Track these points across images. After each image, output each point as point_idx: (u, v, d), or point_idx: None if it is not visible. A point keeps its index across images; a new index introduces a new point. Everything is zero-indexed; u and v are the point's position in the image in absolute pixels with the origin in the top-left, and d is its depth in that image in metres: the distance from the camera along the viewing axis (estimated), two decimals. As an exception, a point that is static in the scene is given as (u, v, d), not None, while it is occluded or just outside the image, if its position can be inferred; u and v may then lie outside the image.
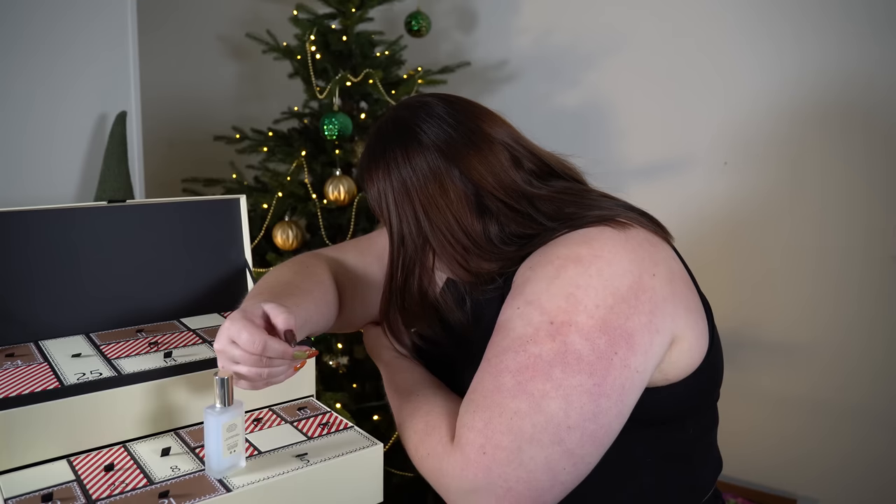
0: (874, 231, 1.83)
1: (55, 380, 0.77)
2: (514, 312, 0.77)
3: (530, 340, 0.74)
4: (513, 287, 0.81)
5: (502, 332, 0.77)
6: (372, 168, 0.91)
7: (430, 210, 0.87)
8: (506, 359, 0.74)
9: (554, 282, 0.76)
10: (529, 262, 0.81)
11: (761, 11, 1.90)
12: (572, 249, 0.78)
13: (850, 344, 1.89)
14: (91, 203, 0.92)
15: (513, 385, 0.73)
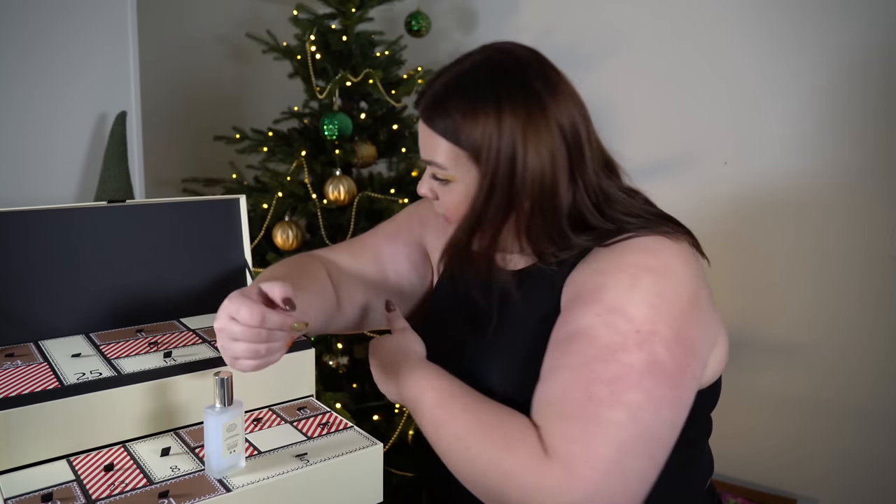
0: (875, 231, 1.83)
1: (55, 380, 0.77)
2: (596, 320, 0.75)
3: (620, 349, 0.73)
4: (578, 292, 0.79)
5: (585, 340, 0.74)
6: (479, 107, 0.83)
7: (533, 166, 0.82)
8: (596, 368, 0.72)
9: (634, 290, 0.76)
10: (595, 267, 0.80)
11: (762, 11, 1.90)
12: (641, 258, 0.78)
13: (852, 345, 1.89)
14: (91, 203, 0.92)
15: (608, 395, 0.71)
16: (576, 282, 0.82)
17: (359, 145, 1.94)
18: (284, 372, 0.89)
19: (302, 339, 0.91)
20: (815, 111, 1.87)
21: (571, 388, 0.72)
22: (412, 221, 1.08)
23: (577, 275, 0.82)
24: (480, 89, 0.84)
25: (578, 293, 0.80)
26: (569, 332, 0.77)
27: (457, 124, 0.83)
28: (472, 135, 0.83)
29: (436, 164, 0.86)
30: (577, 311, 0.78)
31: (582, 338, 0.75)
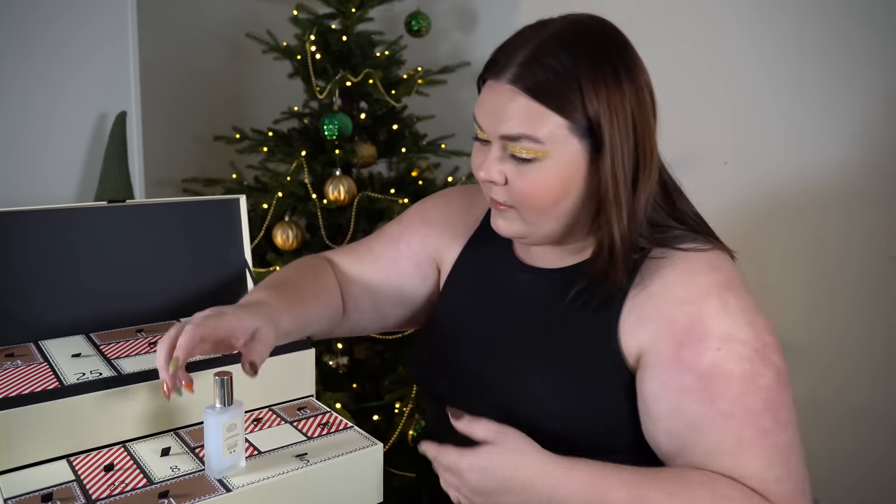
0: (872, 232, 1.83)
1: (55, 380, 0.77)
2: (718, 355, 0.76)
3: (754, 374, 0.75)
4: (671, 327, 0.78)
5: (722, 380, 0.75)
6: (600, 74, 0.78)
7: (649, 143, 0.82)
8: (749, 403, 0.75)
9: (728, 312, 0.78)
10: (678, 294, 0.79)
11: (762, 11, 1.90)
12: (713, 276, 0.80)
13: (850, 345, 1.89)
14: (91, 203, 0.92)
15: (773, 423, 0.75)
16: (657, 310, 0.80)
17: (359, 145, 1.94)
18: (284, 372, 0.89)
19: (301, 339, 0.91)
20: (814, 111, 1.87)
21: (742, 431, 0.74)
22: (416, 222, 1.05)
23: (650, 301, 0.80)
24: (597, 50, 0.79)
25: (675, 326, 0.78)
26: (699, 376, 0.76)
27: (572, 92, 0.77)
28: (592, 104, 0.77)
29: (529, 137, 0.78)
30: (691, 349, 0.76)
31: (717, 378, 0.75)
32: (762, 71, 1.92)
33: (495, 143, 0.82)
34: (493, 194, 0.85)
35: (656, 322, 0.79)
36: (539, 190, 0.81)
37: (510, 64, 0.79)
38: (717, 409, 0.75)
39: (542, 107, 0.78)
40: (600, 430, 0.82)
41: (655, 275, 0.82)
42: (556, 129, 0.78)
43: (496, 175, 0.82)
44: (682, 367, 0.76)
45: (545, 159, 0.79)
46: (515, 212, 0.84)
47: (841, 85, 1.83)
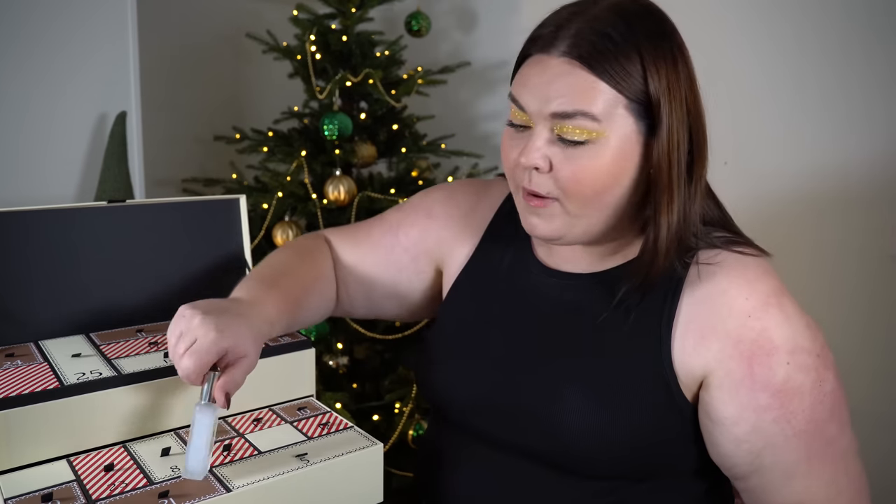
0: (872, 232, 1.83)
1: (55, 380, 0.77)
2: (788, 369, 0.75)
3: (821, 381, 0.76)
4: (737, 343, 0.75)
5: (796, 396, 0.75)
6: (661, 50, 0.74)
7: (701, 133, 0.78)
8: (818, 414, 0.76)
9: (790, 320, 0.77)
10: (740, 307, 0.76)
11: (762, 11, 1.90)
12: (768, 283, 0.79)
13: (850, 345, 1.89)
14: (91, 203, 0.92)
15: (837, 429, 0.77)
16: (718, 326, 0.76)
17: (359, 145, 1.94)
18: (284, 372, 0.89)
19: (302, 338, 0.91)
20: (814, 111, 1.87)
21: (813, 446, 0.76)
22: (418, 213, 0.99)
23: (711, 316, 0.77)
24: (660, 35, 0.74)
25: (741, 343, 0.75)
26: (774, 393, 0.75)
27: (633, 65, 0.72)
28: (653, 80, 0.72)
29: (586, 114, 0.72)
30: (761, 365, 0.75)
31: (790, 394, 0.75)
32: (762, 71, 1.92)
33: (540, 124, 0.75)
34: (533, 185, 0.76)
35: (721, 340, 0.76)
36: (590, 176, 0.73)
37: (562, 36, 0.73)
38: (793, 427, 0.75)
39: (599, 80, 0.71)
40: (637, 448, 0.78)
41: (710, 283, 0.78)
42: (613, 107, 0.72)
43: (540, 160, 0.74)
44: (757, 386, 0.75)
45: (599, 141, 0.73)
46: (558, 205, 0.76)
47: (841, 85, 1.83)
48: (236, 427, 0.82)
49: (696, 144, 0.77)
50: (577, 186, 0.74)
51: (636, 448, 0.78)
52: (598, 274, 0.84)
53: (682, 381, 0.78)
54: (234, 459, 0.75)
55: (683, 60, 0.77)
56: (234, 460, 0.75)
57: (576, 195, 0.75)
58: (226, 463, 0.74)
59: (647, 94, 0.73)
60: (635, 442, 0.77)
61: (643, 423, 0.77)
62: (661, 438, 0.79)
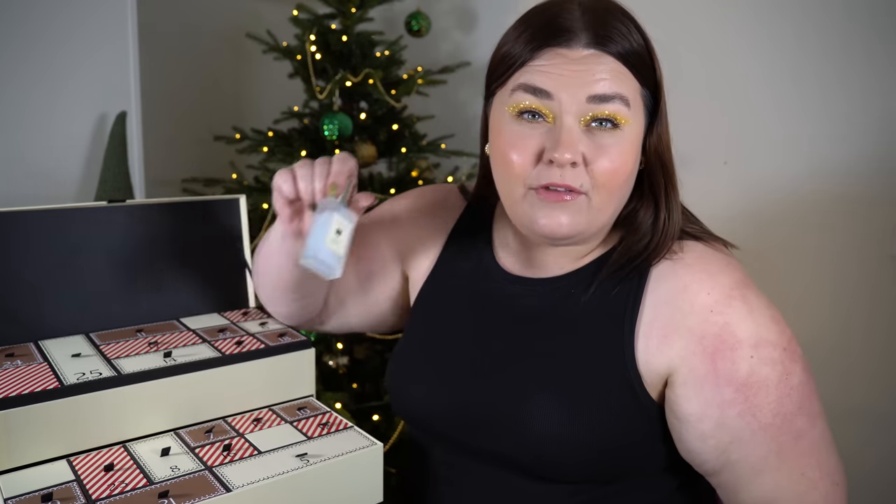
0: (873, 232, 1.83)
1: (55, 380, 0.77)
2: (750, 363, 0.74)
3: (787, 374, 0.75)
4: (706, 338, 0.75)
5: (761, 389, 0.74)
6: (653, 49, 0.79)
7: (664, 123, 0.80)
8: (785, 408, 0.75)
9: (753, 313, 0.76)
10: (702, 302, 0.75)
11: (761, 11, 1.90)
12: (731, 276, 0.78)
13: (851, 345, 1.89)
14: (91, 203, 0.92)
15: (806, 421, 0.76)
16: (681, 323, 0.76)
17: (359, 145, 1.94)
18: (284, 372, 0.89)
19: (302, 338, 0.91)
20: (814, 111, 1.87)
21: (781, 440, 0.75)
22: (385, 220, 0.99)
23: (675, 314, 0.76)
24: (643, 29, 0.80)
25: (705, 339, 0.75)
26: (738, 388, 0.74)
27: (648, 58, 0.77)
28: (659, 72, 0.78)
29: (623, 98, 0.73)
30: (725, 359, 0.74)
31: (755, 387, 0.74)
32: (762, 71, 1.92)
33: (570, 114, 0.73)
34: (568, 179, 0.73)
35: (684, 338, 0.76)
36: (621, 165, 0.74)
37: (585, 28, 0.73)
38: (759, 421, 0.74)
39: (627, 70, 0.74)
40: (605, 451, 0.77)
41: (671, 278, 0.78)
42: (637, 95, 0.75)
43: (578, 154, 0.72)
44: (721, 381, 0.74)
45: (625, 129, 0.74)
46: (585, 199, 0.74)
47: (841, 85, 1.83)
48: (236, 427, 0.82)
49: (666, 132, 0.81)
50: (612, 177, 0.74)
51: (604, 451, 0.77)
52: (561, 277, 0.83)
53: (647, 381, 0.77)
54: (234, 459, 0.75)
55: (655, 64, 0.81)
56: (234, 460, 0.75)
57: (608, 187, 0.74)
58: (226, 463, 0.74)
59: (657, 84, 0.77)
60: (603, 445, 0.77)
61: (610, 426, 0.77)
62: (629, 441, 0.78)
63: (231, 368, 0.84)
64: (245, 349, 0.86)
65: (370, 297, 0.99)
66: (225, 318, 0.98)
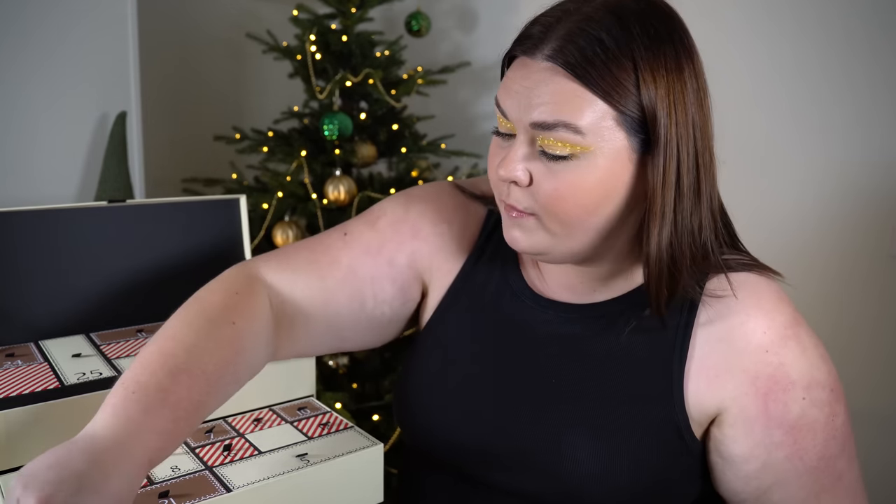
0: (873, 231, 1.83)
1: (55, 380, 0.77)
2: (804, 404, 0.72)
3: (834, 416, 0.74)
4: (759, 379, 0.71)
5: (809, 432, 0.72)
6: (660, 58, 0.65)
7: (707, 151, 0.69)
8: (830, 450, 0.74)
9: (806, 353, 0.74)
10: (757, 341, 0.71)
11: (760, 10, 1.90)
12: (784, 313, 0.75)
13: (851, 345, 1.89)
14: (91, 203, 0.92)
15: (847, 463, 0.75)
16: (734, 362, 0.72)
17: (359, 145, 1.94)
18: (284, 372, 0.89)
19: (302, 339, 0.91)
20: (813, 110, 1.87)
21: (823, 482, 0.74)
22: (402, 232, 0.84)
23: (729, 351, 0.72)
24: (659, 33, 0.65)
25: (758, 380, 0.72)
26: (787, 430, 0.72)
27: (625, 73, 0.63)
28: (649, 91, 0.64)
29: (568, 126, 0.64)
30: (776, 401, 0.71)
31: (804, 430, 0.72)
32: (762, 71, 1.92)
33: (522, 133, 0.68)
34: (510, 198, 0.70)
35: (737, 378, 0.72)
36: (573, 195, 0.66)
37: (549, 37, 0.65)
38: (805, 464, 0.73)
39: (585, 90, 0.63)
40: (639, 488, 0.73)
41: (726, 317, 0.73)
42: (600, 120, 0.64)
43: (520, 173, 0.67)
44: (772, 423, 0.72)
45: (584, 156, 0.65)
46: (537, 220, 0.69)
47: (842, 85, 1.83)
48: (236, 427, 0.82)
49: (701, 163, 0.69)
50: (557, 205, 0.67)
51: (638, 488, 0.74)
52: (597, 305, 0.77)
53: (694, 420, 0.73)
54: (234, 459, 0.75)
55: (692, 68, 0.68)
56: (234, 460, 0.75)
57: (556, 214, 0.68)
58: (226, 463, 0.74)
59: (642, 106, 0.64)
60: (638, 484, 0.73)
61: (651, 465, 0.73)
62: (666, 477, 0.75)
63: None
64: (245, 349, 0.86)
65: (376, 321, 0.84)
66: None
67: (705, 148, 0.69)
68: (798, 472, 0.73)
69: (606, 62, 0.63)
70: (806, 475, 0.73)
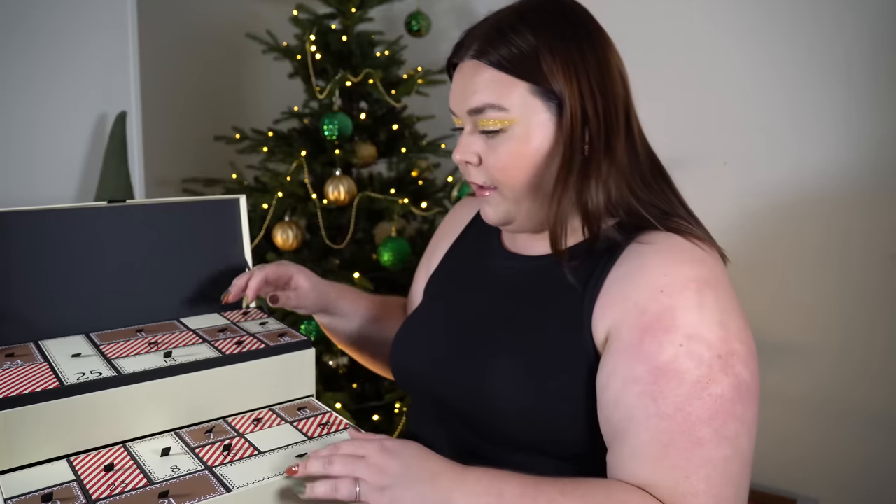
0: (874, 231, 1.83)
1: (55, 380, 0.77)
2: (679, 351, 0.71)
3: (709, 381, 0.71)
4: (642, 312, 0.74)
5: (675, 377, 0.71)
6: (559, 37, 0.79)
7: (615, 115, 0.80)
8: (693, 410, 0.70)
9: (704, 310, 0.73)
10: (656, 281, 0.74)
11: (761, 10, 1.90)
12: (696, 271, 0.75)
13: (851, 344, 1.89)
14: (91, 203, 0.92)
15: (712, 435, 0.70)
16: (630, 296, 0.75)
17: (359, 145, 1.94)
18: (284, 372, 0.89)
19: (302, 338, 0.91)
20: (814, 110, 1.87)
21: (676, 438, 0.69)
22: (436, 238, 1.08)
23: (628, 287, 0.76)
24: (555, 20, 0.80)
25: (645, 315, 0.74)
26: (654, 369, 0.71)
27: (531, 54, 0.78)
28: (546, 62, 0.78)
29: (493, 106, 0.79)
30: (653, 339, 0.72)
31: (671, 375, 0.71)
32: (762, 71, 1.92)
33: (466, 122, 0.83)
34: (471, 177, 0.85)
35: (626, 306, 0.75)
36: (514, 162, 0.80)
37: (470, 41, 0.82)
38: (658, 408, 0.70)
39: (505, 75, 0.79)
40: (561, 418, 0.77)
41: (638, 258, 0.78)
42: (519, 95, 0.79)
43: (470, 155, 0.83)
44: (640, 357, 0.72)
45: (513, 128, 0.80)
46: (498, 194, 0.84)
47: (842, 85, 1.83)
48: (236, 427, 0.82)
49: (612, 123, 0.80)
50: (505, 173, 0.81)
51: (556, 416, 0.77)
52: (543, 256, 0.88)
53: (598, 348, 0.78)
54: (234, 459, 0.75)
55: (590, 42, 0.80)
56: (234, 460, 0.75)
57: (507, 182, 0.82)
58: (226, 463, 0.74)
59: (545, 76, 0.78)
60: (555, 412, 0.77)
61: (566, 392, 0.77)
62: (581, 411, 0.77)
63: (231, 368, 0.84)
64: (245, 349, 0.86)
65: None
66: (225, 318, 0.98)
67: (614, 111, 0.80)
68: (648, 414, 0.70)
69: (510, 45, 0.79)
70: (656, 419, 0.70)
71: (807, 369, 1.95)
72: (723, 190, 1.99)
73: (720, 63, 1.98)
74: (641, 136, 0.86)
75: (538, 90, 0.79)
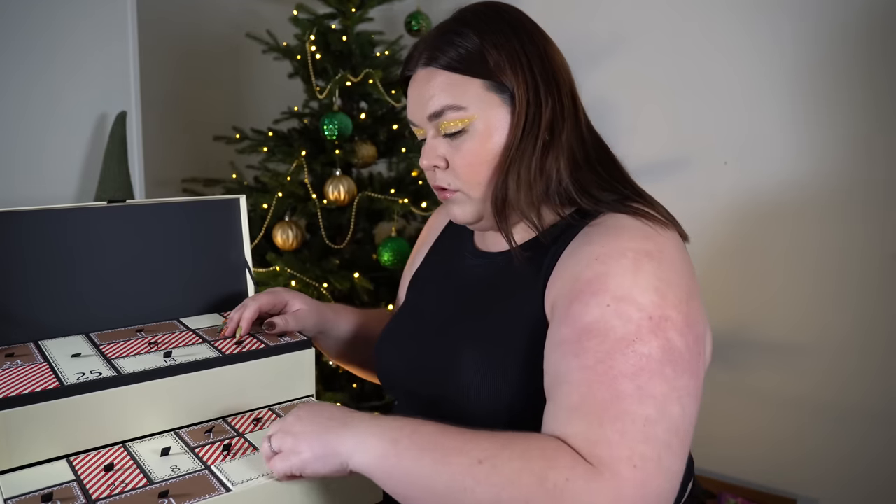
0: (874, 230, 1.83)
1: (55, 380, 0.77)
2: (606, 311, 0.70)
3: (636, 339, 0.68)
4: (576, 280, 0.73)
5: (599, 335, 0.69)
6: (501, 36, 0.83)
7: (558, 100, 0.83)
8: (615, 364, 0.67)
9: (638, 275, 0.71)
10: (590, 252, 0.75)
11: (761, 10, 1.90)
12: (639, 243, 0.74)
13: (851, 344, 1.89)
14: (91, 203, 0.92)
15: (634, 390, 0.66)
16: (570, 269, 0.76)
17: (359, 145, 1.94)
18: (284, 372, 0.89)
19: (302, 338, 0.91)
20: (814, 110, 1.87)
21: (595, 388, 0.67)
22: (418, 243, 1.11)
23: (570, 262, 0.77)
24: (497, 22, 0.84)
25: (577, 282, 0.73)
26: (579, 329, 0.70)
27: (476, 52, 0.81)
28: (492, 56, 0.81)
29: (451, 107, 0.82)
30: (581, 302, 0.71)
31: (595, 333, 0.69)
32: (762, 71, 1.92)
33: (428, 129, 0.85)
34: (438, 181, 0.86)
35: (566, 279, 0.75)
36: (479, 159, 0.82)
37: (421, 52, 0.85)
38: (580, 362, 0.68)
39: (457, 75, 0.82)
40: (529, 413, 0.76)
41: (585, 237, 0.78)
42: (476, 92, 0.81)
43: (437, 159, 0.85)
44: (567, 321, 0.71)
45: (473, 125, 0.82)
46: (462, 194, 0.85)
47: (842, 84, 1.83)
48: (236, 427, 0.82)
49: (558, 109, 0.83)
50: (472, 170, 0.83)
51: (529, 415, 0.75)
52: (504, 252, 0.89)
53: None
54: (234, 459, 0.75)
55: (528, 36, 0.84)
56: (234, 460, 0.75)
57: (474, 179, 0.83)
58: (225, 462, 0.74)
59: (494, 71, 0.81)
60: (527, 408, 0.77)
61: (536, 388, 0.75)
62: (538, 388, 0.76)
63: (231, 368, 0.84)
64: (245, 349, 0.86)
65: None
66: (225, 318, 0.98)
67: (562, 98, 0.83)
68: (570, 368, 0.69)
69: (456, 46, 0.82)
70: (578, 372, 0.68)
71: (806, 369, 1.95)
72: (722, 189, 1.99)
73: (720, 63, 1.98)
74: (588, 123, 0.88)
75: (491, 85, 0.81)
